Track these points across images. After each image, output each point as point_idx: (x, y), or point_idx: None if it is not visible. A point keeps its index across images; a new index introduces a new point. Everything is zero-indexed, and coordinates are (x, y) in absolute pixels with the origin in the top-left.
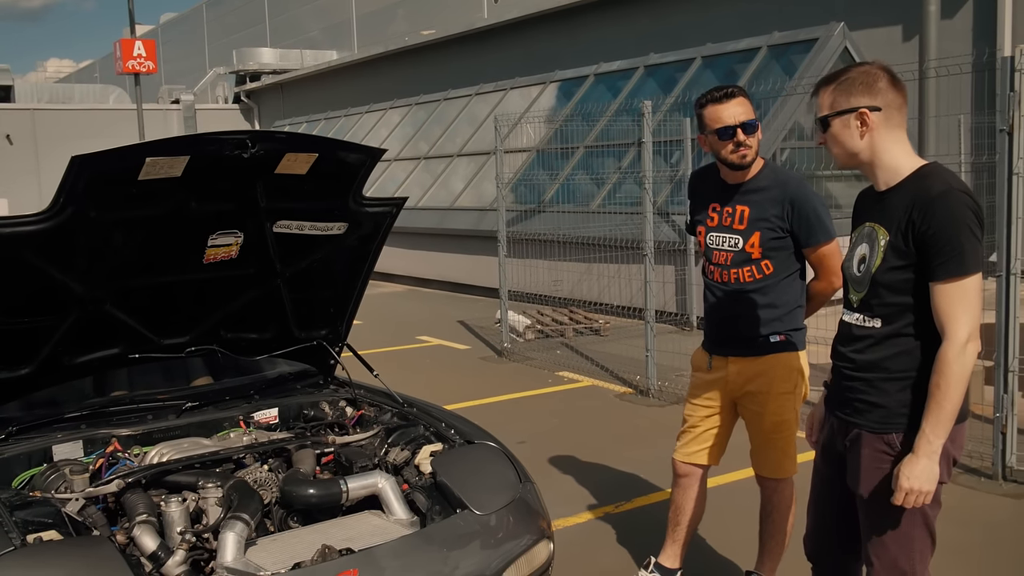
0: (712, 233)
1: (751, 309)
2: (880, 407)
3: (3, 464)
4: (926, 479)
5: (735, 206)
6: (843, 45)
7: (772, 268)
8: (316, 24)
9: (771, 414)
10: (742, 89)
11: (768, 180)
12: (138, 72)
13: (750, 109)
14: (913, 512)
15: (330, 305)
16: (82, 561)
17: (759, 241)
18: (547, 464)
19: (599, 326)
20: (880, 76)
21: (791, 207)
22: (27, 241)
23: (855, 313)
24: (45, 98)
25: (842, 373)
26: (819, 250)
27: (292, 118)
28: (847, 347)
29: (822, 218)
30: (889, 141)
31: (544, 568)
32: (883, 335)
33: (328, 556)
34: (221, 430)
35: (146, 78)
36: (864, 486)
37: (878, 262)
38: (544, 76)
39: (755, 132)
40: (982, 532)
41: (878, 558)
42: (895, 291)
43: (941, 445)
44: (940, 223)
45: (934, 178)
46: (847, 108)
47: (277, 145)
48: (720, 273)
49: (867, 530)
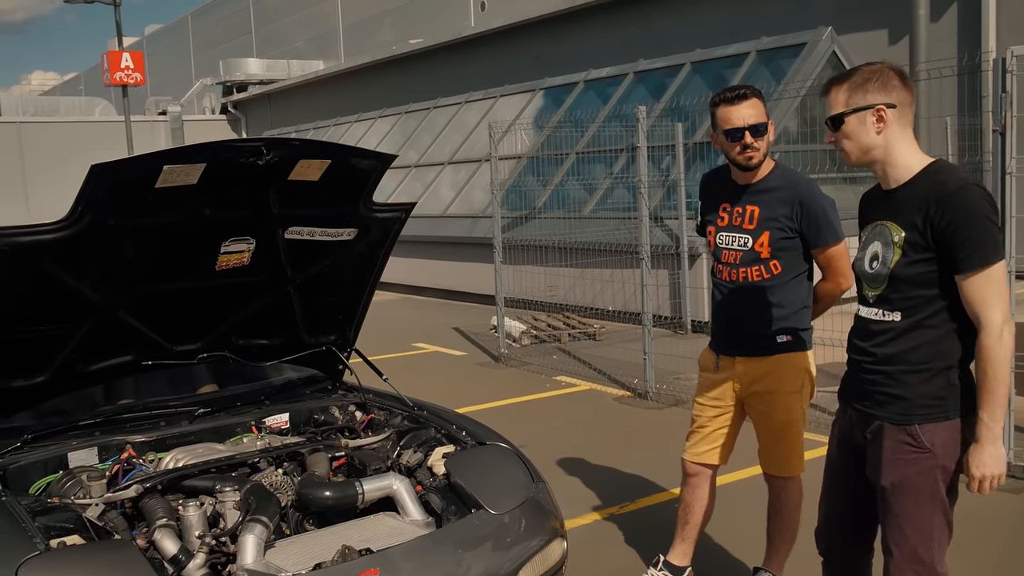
0: (722, 233)
1: (759, 308)
2: (902, 399)
3: (20, 472)
4: (994, 464)
5: (745, 206)
6: (831, 49)
7: (780, 268)
8: (302, 34)
9: (779, 413)
10: (756, 91)
11: (779, 181)
12: (126, 84)
13: (762, 111)
14: (934, 502)
15: (339, 310)
16: (108, 564)
17: (768, 241)
18: (550, 467)
19: (594, 331)
20: (893, 75)
21: (800, 207)
22: (46, 249)
23: (872, 308)
24: (30, 111)
25: (862, 367)
26: (827, 251)
27: (280, 128)
28: (867, 341)
29: (831, 219)
30: (901, 138)
31: (558, 566)
32: (903, 328)
33: (348, 556)
34: (234, 435)
35: (133, 90)
36: (886, 477)
37: (896, 258)
38: (533, 83)
39: (764, 135)
40: (981, 527)
41: (898, 548)
42: (915, 284)
43: (1000, 429)
44: (960, 217)
45: (947, 174)
46: (864, 105)
47: (291, 152)
48: (729, 272)
49: (888, 521)
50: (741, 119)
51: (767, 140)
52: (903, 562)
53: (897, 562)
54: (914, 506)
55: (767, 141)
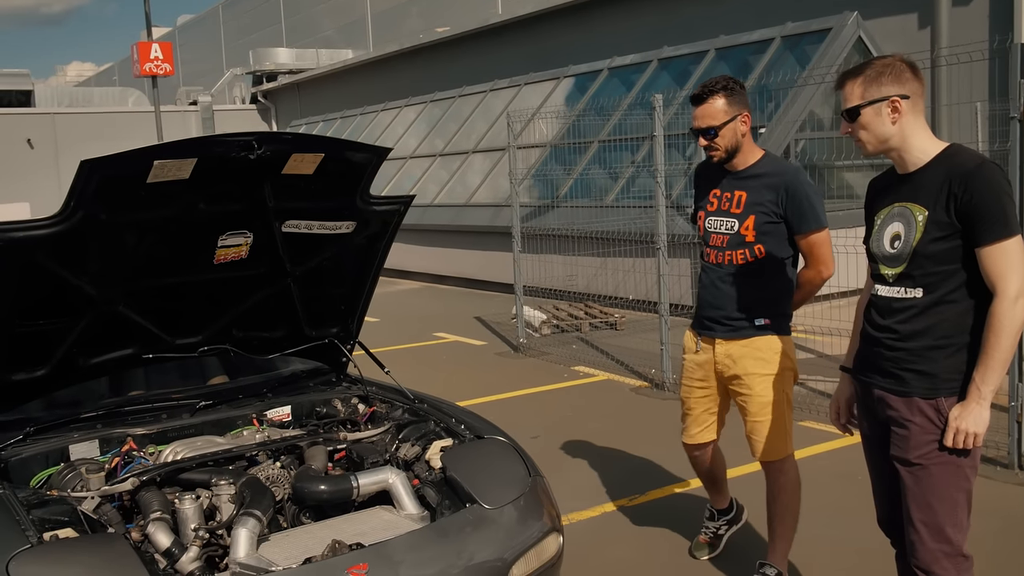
0: (711, 217)
1: (741, 291)
2: (928, 375)
3: (21, 464)
4: (974, 421)
5: (734, 191)
6: (857, 34)
7: (764, 252)
8: (331, 23)
9: (757, 395)
10: (724, 87)
11: (767, 168)
12: (155, 74)
13: (719, 112)
14: (958, 474)
15: (340, 303)
16: (96, 558)
17: (753, 224)
18: (561, 458)
19: (615, 320)
20: (905, 67)
21: (786, 193)
22: (40, 244)
23: (894, 287)
24: (65, 102)
25: (884, 343)
26: (809, 237)
27: (308, 117)
28: (889, 319)
29: (815, 207)
30: (916, 126)
31: (553, 561)
32: (926, 304)
33: (338, 551)
34: (235, 428)
35: (164, 80)
36: (913, 452)
37: (918, 236)
38: (558, 71)
39: (716, 137)
40: (998, 521)
41: (925, 525)
42: (937, 261)
43: (990, 393)
44: (982, 192)
45: (965, 154)
46: (879, 97)
47: (283, 146)
48: (716, 255)
49: (914, 496)
50: (698, 120)
51: (727, 137)
52: (931, 541)
53: (925, 542)
54: (940, 479)
55: (728, 137)
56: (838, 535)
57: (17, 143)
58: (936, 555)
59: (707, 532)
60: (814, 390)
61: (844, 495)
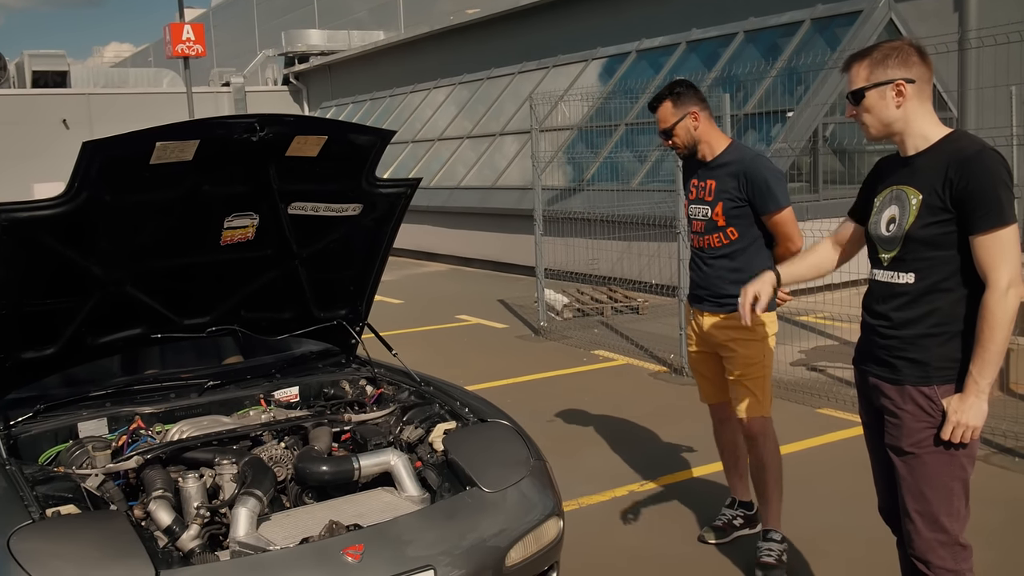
0: (692, 205)
1: (721, 271)
2: (920, 363)
3: (31, 441)
4: (973, 414)
5: (706, 180)
6: (888, 16)
7: (737, 235)
8: (363, 5)
9: (741, 358)
10: (669, 93)
11: (731, 156)
12: (187, 56)
13: (669, 115)
14: (952, 463)
15: (349, 285)
16: (96, 534)
17: (722, 210)
18: (575, 442)
19: (638, 304)
20: (912, 51)
21: (745, 179)
22: (45, 224)
23: (887, 271)
24: (101, 83)
25: (878, 331)
26: (773, 217)
27: (339, 99)
28: (883, 305)
29: (772, 189)
30: (920, 111)
31: (552, 545)
32: (918, 291)
33: (335, 531)
34: (242, 408)
35: (197, 61)
36: (907, 440)
37: (911, 219)
38: (586, 53)
39: (672, 137)
40: (1018, 511)
41: (920, 514)
42: (929, 246)
43: (988, 385)
44: (978, 179)
45: (966, 140)
46: (884, 80)
47: (286, 128)
48: (697, 240)
49: (908, 485)
50: (658, 124)
51: (681, 135)
52: (926, 530)
53: (920, 531)
54: (933, 468)
55: (682, 135)
56: (849, 523)
57: (53, 123)
58: (931, 544)
59: (722, 518)
60: (833, 376)
61: (856, 483)
